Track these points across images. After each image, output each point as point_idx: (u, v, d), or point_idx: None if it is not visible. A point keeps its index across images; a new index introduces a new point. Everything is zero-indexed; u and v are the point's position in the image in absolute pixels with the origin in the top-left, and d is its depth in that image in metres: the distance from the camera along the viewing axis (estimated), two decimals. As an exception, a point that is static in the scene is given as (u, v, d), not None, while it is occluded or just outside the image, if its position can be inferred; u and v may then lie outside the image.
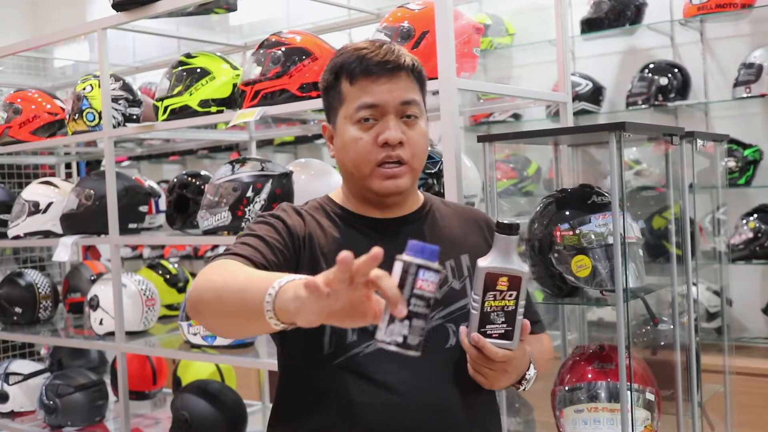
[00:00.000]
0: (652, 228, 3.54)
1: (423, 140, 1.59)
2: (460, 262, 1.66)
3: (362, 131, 1.55)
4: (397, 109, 1.54)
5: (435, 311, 1.57)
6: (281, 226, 1.58)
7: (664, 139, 2.44)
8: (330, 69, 1.60)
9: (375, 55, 1.54)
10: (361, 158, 1.55)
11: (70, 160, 4.70)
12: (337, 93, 1.58)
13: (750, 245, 3.54)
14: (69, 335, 3.61)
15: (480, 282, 1.44)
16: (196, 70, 2.87)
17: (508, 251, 1.43)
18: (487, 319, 1.45)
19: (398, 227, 1.63)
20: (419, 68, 1.60)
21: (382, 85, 1.53)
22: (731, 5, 3.63)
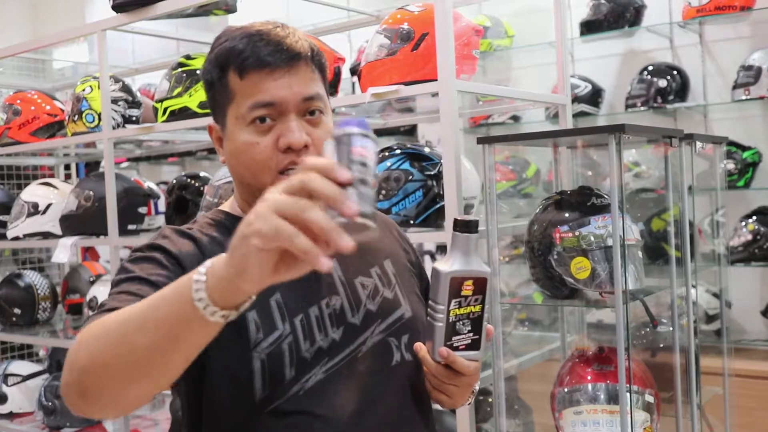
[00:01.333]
0: (652, 230, 3.54)
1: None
2: (385, 268, 1.46)
3: (258, 134, 1.29)
4: (298, 106, 1.29)
5: (373, 325, 1.37)
6: (164, 257, 1.28)
7: (663, 141, 2.45)
8: (214, 60, 1.33)
9: (267, 42, 1.28)
10: (259, 166, 1.29)
11: (69, 162, 4.70)
12: (223, 88, 1.32)
13: (749, 247, 3.54)
14: (68, 336, 3.61)
15: (443, 289, 1.27)
16: (195, 72, 2.88)
17: (468, 251, 1.28)
18: (453, 329, 1.29)
19: None
20: (319, 54, 1.35)
21: (278, 78, 1.28)
22: (730, 7, 3.64)
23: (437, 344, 1.29)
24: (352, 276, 1.38)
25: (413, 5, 2.44)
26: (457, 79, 2.20)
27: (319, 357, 1.29)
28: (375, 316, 1.37)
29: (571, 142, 2.58)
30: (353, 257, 1.30)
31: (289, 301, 1.30)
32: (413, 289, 1.49)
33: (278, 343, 1.27)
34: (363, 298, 1.37)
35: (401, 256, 1.52)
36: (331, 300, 1.34)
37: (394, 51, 2.35)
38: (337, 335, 1.31)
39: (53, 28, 6.27)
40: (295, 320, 1.29)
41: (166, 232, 1.34)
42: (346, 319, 1.34)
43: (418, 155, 2.43)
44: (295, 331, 1.29)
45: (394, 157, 2.44)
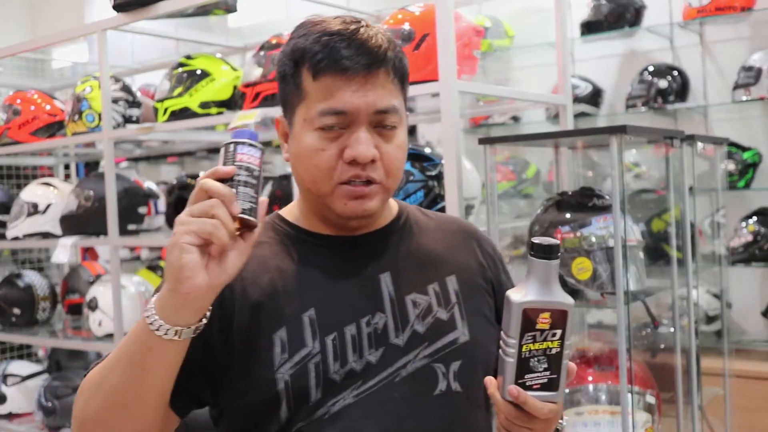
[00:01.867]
0: (652, 231, 3.54)
1: (400, 154, 1.26)
2: (446, 285, 1.33)
3: (325, 141, 1.21)
4: (370, 118, 1.21)
5: (419, 348, 1.25)
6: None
7: (664, 142, 2.45)
8: (289, 54, 1.25)
9: (348, 45, 1.19)
10: (321, 174, 1.21)
11: (69, 162, 4.70)
12: (295, 86, 1.24)
13: (749, 248, 3.54)
14: (67, 336, 3.60)
15: (515, 321, 1.13)
16: (196, 72, 2.88)
17: (548, 279, 1.13)
18: (526, 366, 1.15)
19: (367, 246, 1.31)
20: (402, 61, 1.26)
21: (353, 85, 1.19)
22: (731, 8, 3.63)
23: (507, 381, 1.16)
24: (404, 292, 1.28)
25: (414, 6, 2.44)
26: (458, 80, 2.20)
27: (350, 379, 1.20)
28: (421, 339, 1.26)
29: (572, 142, 2.58)
30: (410, 271, 1.31)
31: (323, 317, 1.23)
32: (481, 310, 1.35)
33: (304, 363, 1.20)
34: (411, 318, 1.27)
35: (473, 271, 1.38)
36: (373, 318, 1.25)
37: (395, 51, 2.34)
38: (374, 357, 1.22)
39: (52, 28, 6.27)
40: (326, 339, 1.21)
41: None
42: (387, 340, 1.24)
43: (418, 156, 2.43)
44: (325, 350, 1.21)
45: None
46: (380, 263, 1.29)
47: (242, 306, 1.22)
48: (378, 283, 1.28)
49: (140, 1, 2.87)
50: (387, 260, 1.30)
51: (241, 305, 1.22)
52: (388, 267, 1.30)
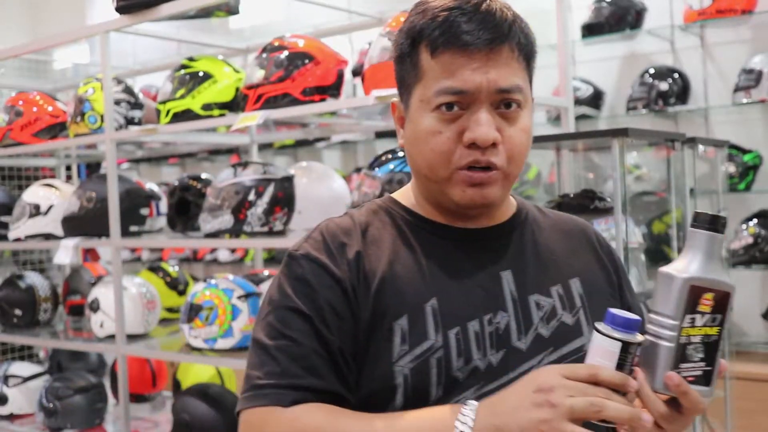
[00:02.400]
0: (653, 233, 3.55)
1: (524, 138, 1.16)
2: (570, 288, 1.24)
3: (442, 123, 1.13)
4: (492, 97, 1.12)
5: (542, 353, 1.17)
6: (322, 282, 1.16)
7: (665, 144, 2.45)
8: (406, 31, 1.17)
9: (469, 19, 1.10)
10: (437, 158, 1.14)
11: (71, 163, 4.70)
12: (412, 65, 1.16)
13: (750, 250, 3.54)
14: (69, 338, 3.61)
15: (678, 298, 1.00)
16: (198, 74, 2.88)
17: (712, 255, 1.02)
18: (682, 354, 1.01)
19: (488, 240, 1.23)
20: (528, 38, 1.16)
21: (474, 63, 1.10)
22: (731, 11, 3.64)
23: (660, 369, 1.01)
24: (526, 292, 1.20)
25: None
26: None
27: (473, 378, 1.12)
28: (546, 343, 1.18)
29: (574, 145, 2.59)
30: (532, 271, 1.23)
31: (446, 309, 1.14)
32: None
33: (426, 357, 1.11)
34: (535, 320, 1.18)
35: (597, 276, 1.29)
36: (496, 316, 1.16)
37: (397, 54, 2.35)
38: (495, 359, 1.14)
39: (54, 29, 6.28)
40: (449, 332, 1.13)
41: (301, 262, 1.18)
42: (509, 342, 1.16)
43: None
44: (448, 344, 1.12)
45: (397, 159, 2.44)
46: (501, 260, 1.21)
47: (365, 294, 1.14)
48: (499, 280, 1.19)
49: (143, 3, 2.88)
50: (508, 257, 1.22)
51: (364, 293, 1.15)
52: (510, 265, 1.21)
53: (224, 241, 2.80)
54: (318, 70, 2.62)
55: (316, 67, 2.62)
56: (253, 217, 2.72)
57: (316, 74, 2.61)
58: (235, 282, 2.93)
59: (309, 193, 2.97)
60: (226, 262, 5.39)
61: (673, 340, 1.01)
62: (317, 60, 2.63)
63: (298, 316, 1.13)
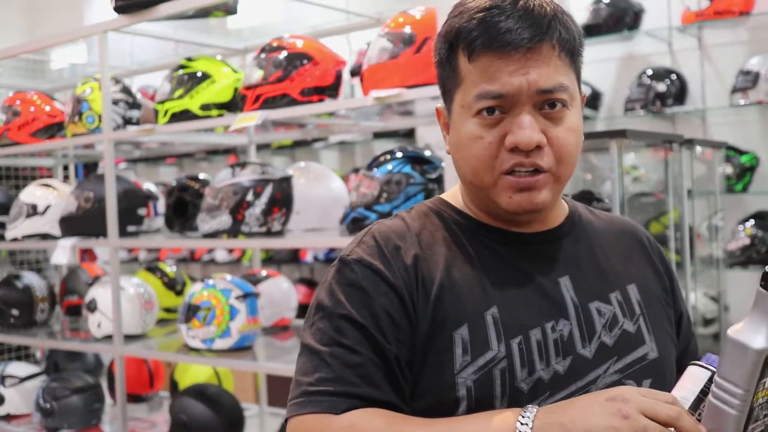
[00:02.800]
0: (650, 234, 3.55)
1: (572, 138, 1.11)
2: (628, 295, 1.20)
3: (484, 128, 1.10)
4: (533, 98, 1.08)
5: (608, 362, 1.13)
6: (379, 290, 1.11)
7: (663, 145, 2.46)
8: (444, 36, 1.14)
9: (506, 18, 1.06)
10: (480, 164, 1.10)
11: (68, 163, 4.70)
12: (452, 70, 1.13)
13: (747, 251, 3.55)
14: (66, 338, 3.60)
15: (751, 370, 0.96)
16: (196, 74, 2.88)
17: None
18: (751, 417, 0.99)
19: (542, 245, 1.19)
20: (570, 32, 1.11)
21: (513, 65, 1.06)
22: (729, 12, 3.65)
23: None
24: (586, 299, 1.16)
25: (415, 9, 2.45)
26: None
27: (537, 390, 1.08)
28: (611, 352, 1.14)
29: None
30: (591, 277, 1.19)
31: (507, 318, 1.10)
32: (663, 323, 1.24)
33: (489, 368, 1.07)
34: (598, 328, 1.15)
35: (652, 281, 1.26)
36: (557, 324, 1.12)
37: (396, 54, 2.35)
38: (561, 367, 1.10)
39: (51, 29, 6.27)
40: (512, 342, 1.09)
41: (354, 266, 1.14)
42: (575, 349, 1.12)
43: (419, 158, 2.44)
44: (511, 354, 1.08)
45: (395, 160, 2.44)
46: (558, 266, 1.18)
47: (424, 301, 1.10)
48: (558, 287, 1.15)
49: (141, 3, 2.88)
50: (565, 263, 1.18)
51: (423, 299, 1.10)
52: (567, 271, 1.17)
53: (222, 241, 2.80)
54: (316, 71, 2.62)
55: (314, 68, 2.62)
56: (251, 217, 2.72)
57: (315, 75, 2.61)
58: (233, 282, 2.93)
59: (307, 193, 2.98)
60: (223, 262, 5.39)
61: (743, 410, 0.98)
62: (316, 60, 2.63)
63: (352, 324, 1.09)
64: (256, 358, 2.88)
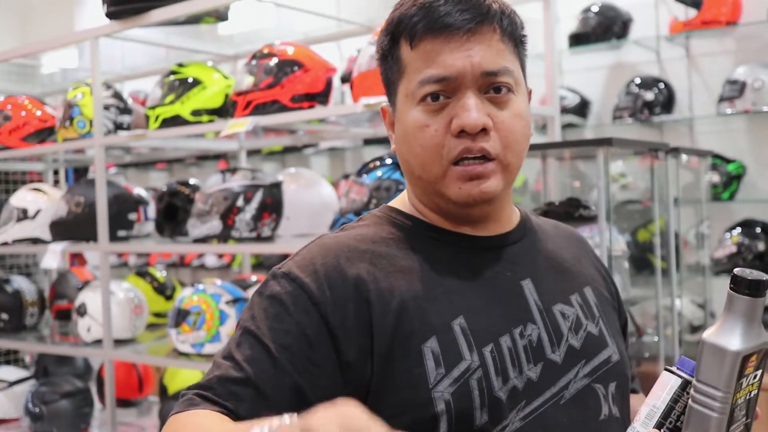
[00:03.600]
0: (637, 241, 3.58)
1: (519, 124, 1.08)
2: (586, 297, 1.18)
3: (429, 114, 1.06)
4: (478, 81, 1.05)
5: (577, 366, 1.11)
6: (298, 307, 1.04)
7: (649, 153, 2.49)
8: (386, 28, 1.12)
9: (443, 4, 1.05)
10: (428, 154, 1.06)
11: (58, 167, 4.70)
12: (395, 61, 1.11)
13: (733, 259, 3.58)
14: (55, 342, 3.60)
15: (729, 372, 0.98)
16: (187, 80, 2.90)
17: (755, 318, 0.99)
18: (732, 416, 1.00)
19: (500, 248, 1.15)
20: (512, 20, 1.09)
21: (455, 47, 1.04)
22: (716, 22, 3.69)
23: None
24: (549, 302, 1.13)
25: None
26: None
27: (515, 398, 1.04)
28: (579, 355, 1.11)
29: (560, 153, 2.62)
30: (551, 279, 1.16)
31: (475, 326, 1.06)
32: (616, 326, 1.23)
33: (465, 378, 1.02)
34: (564, 331, 1.12)
35: (601, 285, 1.25)
36: (526, 329, 1.09)
37: (385, 62, 2.37)
38: (534, 373, 1.07)
39: (42, 33, 6.28)
40: (484, 350, 1.04)
41: (315, 258, 1.08)
42: (544, 354, 1.09)
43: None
44: (485, 363, 1.04)
45: (384, 166, 2.46)
46: (519, 269, 1.14)
47: (382, 316, 1.02)
48: (522, 290, 1.12)
49: (133, 10, 2.90)
50: (525, 266, 1.15)
51: (380, 316, 1.03)
52: (528, 273, 1.14)
53: (212, 246, 2.81)
54: (307, 78, 2.64)
55: (305, 75, 2.64)
56: (241, 222, 2.73)
57: (305, 81, 2.63)
58: (222, 287, 2.95)
59: (297, 199, 2.99)
60: (213, 267, 5.39)
61: (725, 412, 0.99)
62: (306, 67, 2.65)
63: (255, 340, 1.02)
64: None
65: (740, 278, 0.97)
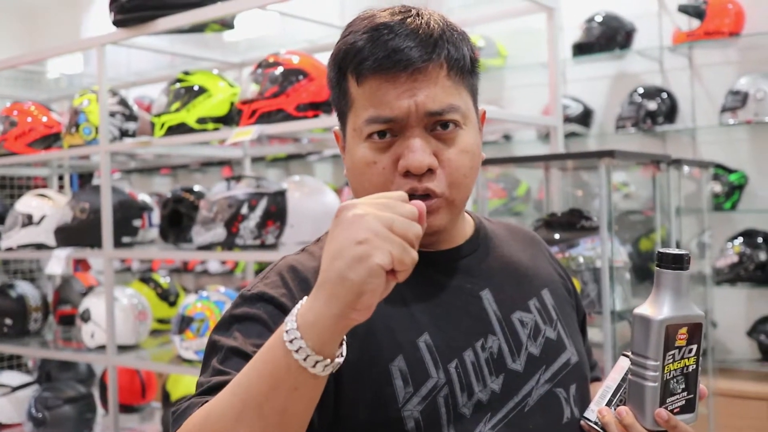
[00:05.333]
0: (640, 250, 3.59)
1: (465, 160, 1.08)
2: (544, 300, 1.21)
3: (376, 152, 1.07)
4: (423, 120, 1.05)
5: (537, 373, 1.14)
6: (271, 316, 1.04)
7: (652, 164, 2.50)
8: (333, 58, 1.11)
9: (392, 39, 1.03)
10: (376, 190, 1.04)
11: (63, 173, 4.72)
12: (342, 93, 1.11)
13: (735, 269, 3.59)
14: (59, 348, 3.62)
15: (656, 341, 1.05)
16: (193, 88, 2.91)
17: (680, 291, 1.06)
18: (667, 389, 1.06)
19: (457, 261, 1.17)
20: (459, 50, 1.08)
21: (400, 87, 1.04)
22: (719, 33, 3.71)
23: (649, 407, 1.06)
24: (508, 311, 1.16)
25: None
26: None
27: (479, 413, 1.07)
28: (539, 362, 1.14)
29: (563, 163, 2.63)
30: (508, 287, 1.18)
31: (440, 342, 1.08)
32: (574, 325, 1.26)
33: (433, 396, 1.05)
34: (523, 339, 1.15)
35: (558, 284, 1.27)
36: (486, 341, 1.12)
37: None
38: (496, 385, 1.10)
39: (49, 39, 6.30)
40: (449, 367, 1.07)
41: (285, 278, 1.09)
42: (505, 365, 1.12)
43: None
44: (451, 380, 1.06)
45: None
46: (476, 280, 1.16)
47: (350, 337, 0.97)
48: (480, 301, 1.14)
49: (140, 18, 2.92)
50: (482, 276, 1.17)
51: (349, 336, 0.96)
52: (486, 283, 1.16)
53: (216, 253, 2.82)
54: (312, 87, 2.65)
55: (310, 84, 2.66)
56: (245, 230, 2.75)
57: (310, 90, 2.65)
58: (226, 294, 2.96)
59: (301, 207, 3.00)
60: (216, 273, 5.40)
61: (657, 380, 1.05)
62: (311, 76, 2.67)
63: (240, 356, 1.01)
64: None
65: (665, 254, 1.06)
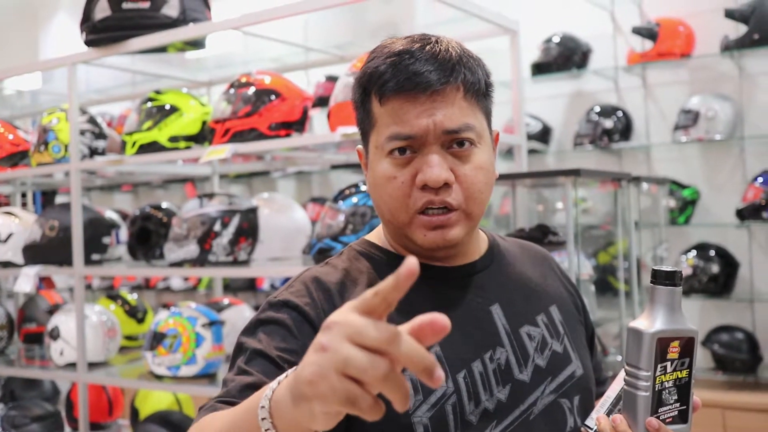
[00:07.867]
0: (598, 264, 3.70)
1: (480, 176, 1.16)
2: (552, 316, 1.28)
3: (396, 167, 1.15)
4: (440, 138, 1.14)
5: (543, 384, 1.21)
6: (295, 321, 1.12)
7: (613, 181, 2.61)
8: (358, 80, 1.20)
9: (413, 63, 1.13)
10: (396, 203, 1.15)
11: (26, 190, 4.70)
12: (367, 113, 1.20)
13: (689, 281, 3.71)
14: (23, 366, 3.60)
15: (648, 353, 1.11)
16: (165, 107, 2.96)
17: (673, 306, 1.12)
18: (659, 399, 1.13)
19: (470, 276, 1.24)
20: (475, 74, 1.17)
21: (419, 107, 1.13)
22: (671, 54, 3.86)
23: (641, 416, 1.12)
24: (517, 325, 1.23)
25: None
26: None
27: (485, 420, 1.14)
28: (545, 373, 1.21)
29: (528, 181, 2.72)
30: (518, 302, 1.25)
31: (450, 353, 1.15)
32: (582, 340, 1.33)
33: (441, 404, 1.12)
34: (531, 351, 1.22)
35: (567, 301, 1.34)
36: (495, 353, 1.19)
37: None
38: (503, 395, 1.16)
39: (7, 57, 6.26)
40: (458, 377, 1.14)
41: (309, 288, 1.17)
42: (512, 376, 1.18)
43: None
44: (459, 389, 1.13)
45: (360, 193, 2.55)
46: (487, 295, 1.23)
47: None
48: (490, 315, 1.21)
49: (112, 38, 2.95)
50: (493, 291, 1.24)
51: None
52: (496, 298, 1.24)
53: (189, 270, 2.86)
54: (284, 106, 2.72)
55: (282, 103, 2.72)
56: (218, 246, 2.79)
57: (282, 110, 2.71)
58: (198, 310, 3.00)
59: (271, 223, 3.06)
60: (179, 290, 5.40)
61: (648, 390, 1.12)
62: (283, 96, 2.73)
63: (265, 358, 1.08)
64: (217, 384, 2.94)
65: (659, 271, 1.13)
